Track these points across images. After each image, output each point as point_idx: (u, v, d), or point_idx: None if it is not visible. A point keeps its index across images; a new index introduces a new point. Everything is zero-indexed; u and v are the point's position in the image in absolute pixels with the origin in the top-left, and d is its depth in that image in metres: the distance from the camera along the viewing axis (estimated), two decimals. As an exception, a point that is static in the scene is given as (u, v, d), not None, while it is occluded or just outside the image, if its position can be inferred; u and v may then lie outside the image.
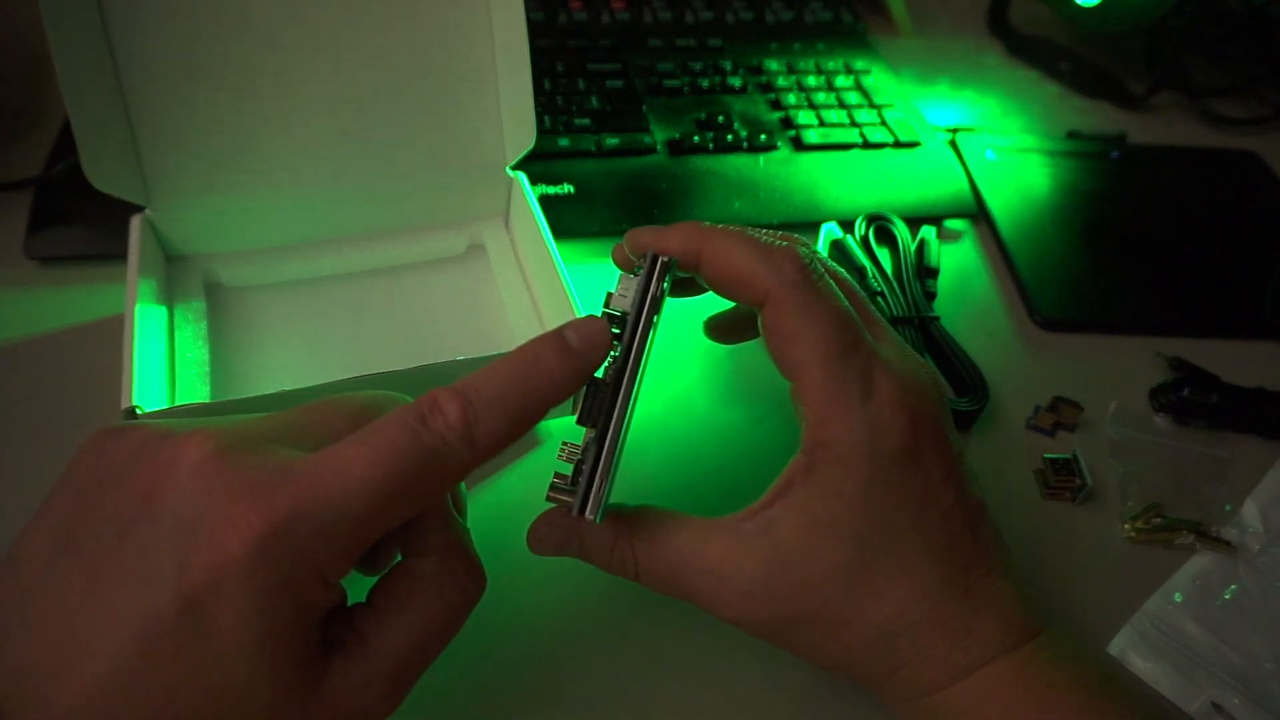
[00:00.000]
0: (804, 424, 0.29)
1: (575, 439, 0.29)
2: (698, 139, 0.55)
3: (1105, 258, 0.53)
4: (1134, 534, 0.39)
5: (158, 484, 0.22)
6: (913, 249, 0.49)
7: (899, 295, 0.46)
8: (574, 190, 0.51)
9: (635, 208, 0.51)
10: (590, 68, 0.60)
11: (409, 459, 0.23)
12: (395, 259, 0.45)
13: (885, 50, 0.68)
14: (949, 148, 0.58)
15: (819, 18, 0.68)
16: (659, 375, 0.43)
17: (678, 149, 0.55)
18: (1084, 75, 0.68)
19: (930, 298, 0.48)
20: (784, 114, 0.58)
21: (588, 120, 0.55)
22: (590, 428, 0.28)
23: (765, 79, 0.61)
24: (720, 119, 0.57)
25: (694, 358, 0.44)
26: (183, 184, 0.41)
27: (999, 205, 0.55)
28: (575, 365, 0.26)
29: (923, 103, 0.64)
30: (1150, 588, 0.37)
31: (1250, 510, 0.40)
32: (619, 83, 0.59)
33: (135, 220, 0.40)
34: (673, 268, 0.29)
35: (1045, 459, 0.41)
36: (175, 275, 0.42)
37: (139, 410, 0.32)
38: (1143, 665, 0.35)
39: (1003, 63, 0.71)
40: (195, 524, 0.21)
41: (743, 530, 0.28)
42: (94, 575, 0.21)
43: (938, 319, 0.46)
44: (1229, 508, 0.40)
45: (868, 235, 0.49)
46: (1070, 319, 0.49)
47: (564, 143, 0.53)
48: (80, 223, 0.45)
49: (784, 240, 0.31)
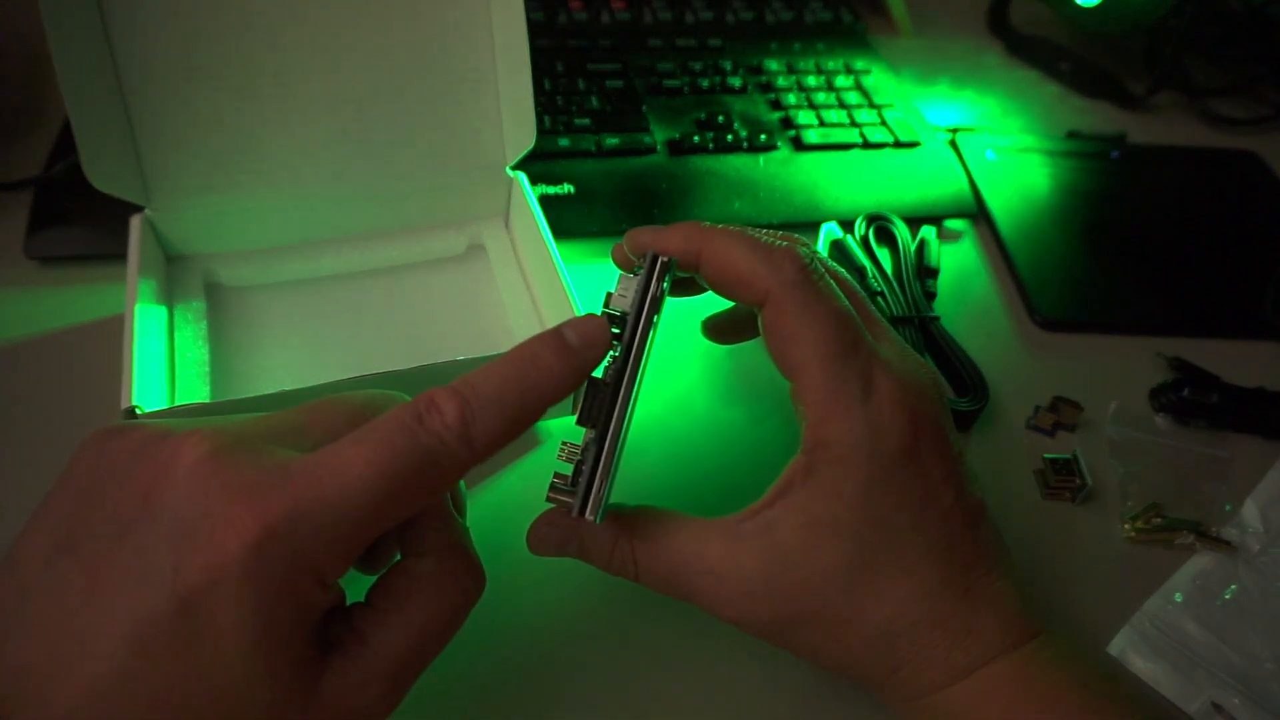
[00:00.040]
0: (804, 424, 0.29)
1: (575, 439, 0.28)
2: (698, 139, 0.55)
3: (1105, 258, 0.53)
4: (1134, 534, 0.39)
5: (156, 484, 0.22)
6: (913, 249, 0.49)
7: (899, 295, 0.46)
8: (574, 190, 0.51)
9: (635, 208, 0.51)
10: (590, 68, 0.60)
11: (406, 459, 0.23)
12: (395, 259, 0.45)
13: (885, 50, 0.68)
14: (949, 148, 0.58)
15: (819, 18, 0.68)
16: (659, 375, 0.43)
17: (678, 149, 0.55)
18: (1084, 75, 0.68)
19: (930, 298, 0.48)
20: (784, 114, 0.58)
21: (588, 120, 0.55)
22: (590, 428, 0.28)
23: (765, 79, 0.61)
24: (720, 119, 0.57)
25: (694, 358, 0.44)
26: (183, 184, 0.41)
27: (999, 205, 0.55)
28: (574, 364, 0.26)
29: (923, 103, 0.64)
30: (1150, 588, 0.37)
31: (1250, 510, 0.40)
32: (619, 83, 0.59)
33: (135, 220, 0.40)
34: (672, 268, 0.29)
35: (1045, 459, 0.41)
36: (175, 275, 0.42)
37: (139, 410, 0.32)
38: (1143, 665, 0.35)
39: (1003, 63, 0.71)
40: (192, 524, 0.21)
41: (743, 530, 0.28)
42: (93, 575, 0.21)
43: (938, 319, 0.46)
44: (1229, 508, 0.40)
45: (868, 235, 0.49)
46: (1070, 319, 0.49)
47: (564, 143, 0.53)
48: (80, 223, 0.45)
49: (784, 240, 0.31)
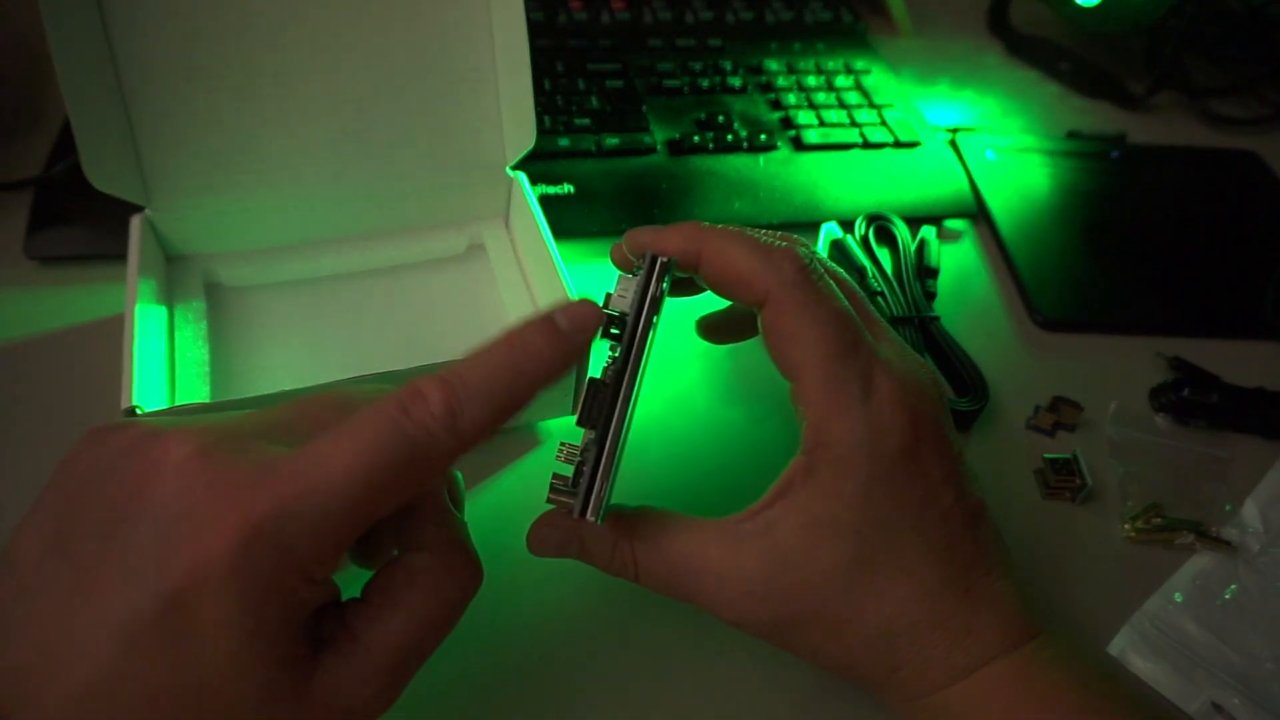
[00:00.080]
0: (804, 424, 0.29)
1: (575, 439, 0.28)
2: (698, 139, 0.55)
3: (1105, 258, 0.53)
4: (1134, 534, 0.39)
5: (145, 482, 0.22)
6: (913, 249, 0.49)
7: (899, 295, 0.46)
8: (574, 190, 0.51)
9: (635, 208, 0.51)
10: (590, 68, 0.60)
11: (392, 450, 0.22)
12: (395, 259, 0.45)
13: (885, 50, 0.68)
14: (949, 148, 0.58)
15: (819, 18, 0.68)
16: (659, 375, 0.43)
17: (678, 149, 0.55)
18: (1084, 75, 0.68)
19: (930, 298, 0.48)
20: (784, 114, 0.58)
21: (588, 120, 0.55)
22: (590, 429, 0.28)
23: (765, 79, 0.61)
24: (720, 119, 0.57)
25: (694, 358, 0.44)
26: (183, 184, 0.41)
27: (999, 205, 0.55)
28: (564, 348, 0.25)
29: (923, 103, 0.64)
30: (1150, 588, 0.37)
31: (1250, 510, 0.40)
32: (619, 83, 0.59)
33: (135, 220, 0.40)
34: (672, 268, 0.29)
35: (1045, 459, 0.41)
36: (175, 275, 0.42)
37: (139, 410, 0.32)
38: (1143, 665, 0.35)
39: (1003, 63, 0.71)
40: (178, 522, 0.21)
41: (743, 531, 0.28)
42: (83, 574, 0.21)
43: (938, 319, 0.46)
44: (1229, 508, 0.40)
45: (868, 235, 0.49)
46: (1070, 319, 0.49)
47: (564, 143, 0.53)
48: (80, 223, 0.45)
49: (784, 240, 0.31)
